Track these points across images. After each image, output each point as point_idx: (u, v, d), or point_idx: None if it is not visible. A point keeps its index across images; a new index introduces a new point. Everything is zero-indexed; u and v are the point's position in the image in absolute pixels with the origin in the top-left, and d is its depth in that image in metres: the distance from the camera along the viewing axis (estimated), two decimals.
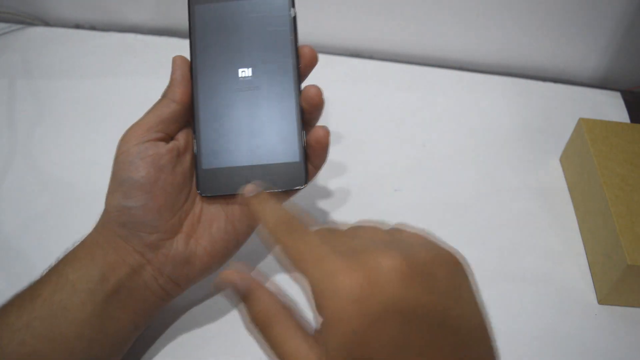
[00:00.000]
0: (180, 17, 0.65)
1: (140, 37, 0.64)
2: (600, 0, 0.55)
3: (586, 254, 0.45)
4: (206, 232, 0.35)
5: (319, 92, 0.35)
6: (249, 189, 0.33)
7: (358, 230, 0.28)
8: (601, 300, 0.41)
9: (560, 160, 0.52)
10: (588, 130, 0.47)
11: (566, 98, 0.59)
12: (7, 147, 0.52)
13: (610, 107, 0.58)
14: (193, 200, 0.36)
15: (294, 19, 0.36)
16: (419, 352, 0.24)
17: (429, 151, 0.53)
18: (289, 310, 0.27)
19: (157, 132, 0.34)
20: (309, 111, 0.35)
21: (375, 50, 0.64)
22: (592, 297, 0.42)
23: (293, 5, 0.37)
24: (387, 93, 0.59)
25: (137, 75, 0.59)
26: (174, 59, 0.37)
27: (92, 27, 0.67)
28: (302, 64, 0.36)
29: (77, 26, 0.68)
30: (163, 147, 0.34)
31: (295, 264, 0.27)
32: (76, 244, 0.34)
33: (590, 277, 0.43)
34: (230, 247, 0.36)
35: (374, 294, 0.24)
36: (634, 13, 0.56)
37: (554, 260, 0.44)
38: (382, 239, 0.27)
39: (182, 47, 0.63)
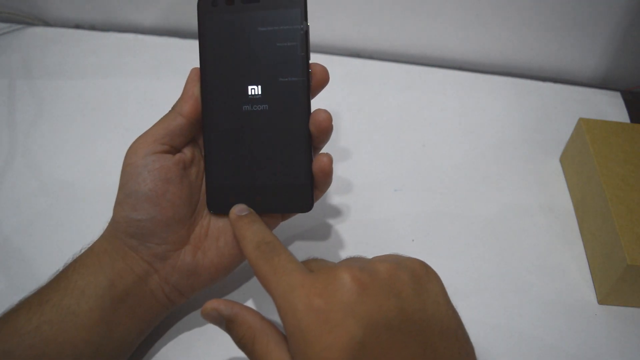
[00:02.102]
0: (180, 17, 0.66)
1: (140, 37, 0.64)
2: (600, 0, 0.55)
3: (586, 254, 0.45)
4: (213, 245, 0.36)
5: (328, 117, 0.34)
6: (238, 209, 0.34)
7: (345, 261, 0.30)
8: (601, 300, 0.41)
9: (560, 160, 0.52)
10: (588, 130, 0.47)
11: (566, 98, 0.59)
12: (7, 147, 0.52)
13: (610, 107, 0.58)
14: (201, 212, 0.37)
15: (306, 33, 0.35)
16: (380, 353, 0.25)
17: (429, 151, 0.53)
18: (270, 328, 0.29)
19: (164, 145, 0.34)
20: (317, 135, 0.35)
21: (375, 50, 0.64)
22: (592, 297, 0.42)
23: (305, 18, 0.35)
24: (387, 93, 0.59)
25: (137, 75, 0.59)
26: (190, 72, 0.36)
27: (92, 27, 0.67)
28: (313, 83, 0.35)
29: (77, 26, 0.68)
30: (170, 160, 0.34)
31: (262, 283, 0.29)
32: (83, 251, 0.35)
33: (590, 277, 0.43)
34: (235, 260, 0.37)
35: (332, 302, 0.25)
36: (634, 13, 0.56)
37: (554, 260, 0.44)
38: (354, 260, 0.29)
39: (181, 48, 0.63)
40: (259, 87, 0.35)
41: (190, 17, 0.65)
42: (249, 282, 0.41)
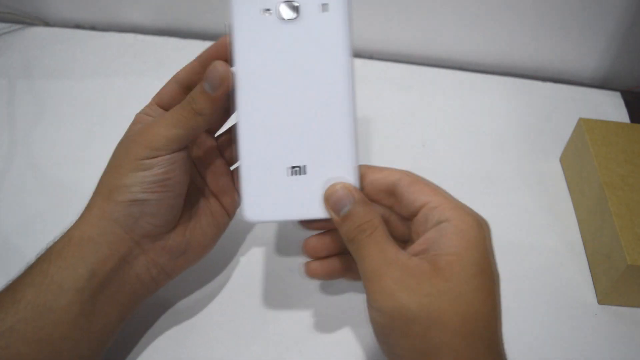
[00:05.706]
0: (180, 17, 0.65)
1: (140, 37, 0.64)
2: (600, 0, 0.55)
3: (586, 254, 0.45)
4: (197, 224, 0.37)
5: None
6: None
7: None
8: (601, 300, 0.41)
9: (560, 160, 0.52)
10: (588, 130, 0.47)
11: (566, 98, 0.59)
12: (7, 147, 0.52)
13: (610, 107, 0.58)
14: (187, 193, 0.37)
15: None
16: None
17: (429, 151, 0.53)
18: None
19: (179, 144, 0.33)
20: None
21: (375, 50, 0.64)
22: (592, 297, 0.42)
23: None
24: (387, 93, 0.59)
25: (137, 75, 0.59)
26: (216, 67, 0.33)
27: (92, 27, 0.67)
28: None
29: (77, 26, 0.68)
30: (181, 152, 0.34)
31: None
32: (57, 240, 0.33)
33: (590, 277, 0.43)
34: (215, 238, 0.38)
35: (482, 236, 0.33)
36: (634, 13, 0.56)
37: (554, 260, 0.44)
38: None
39: (182, 48, 0.63)
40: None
41: (190, 17, 0.65)
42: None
